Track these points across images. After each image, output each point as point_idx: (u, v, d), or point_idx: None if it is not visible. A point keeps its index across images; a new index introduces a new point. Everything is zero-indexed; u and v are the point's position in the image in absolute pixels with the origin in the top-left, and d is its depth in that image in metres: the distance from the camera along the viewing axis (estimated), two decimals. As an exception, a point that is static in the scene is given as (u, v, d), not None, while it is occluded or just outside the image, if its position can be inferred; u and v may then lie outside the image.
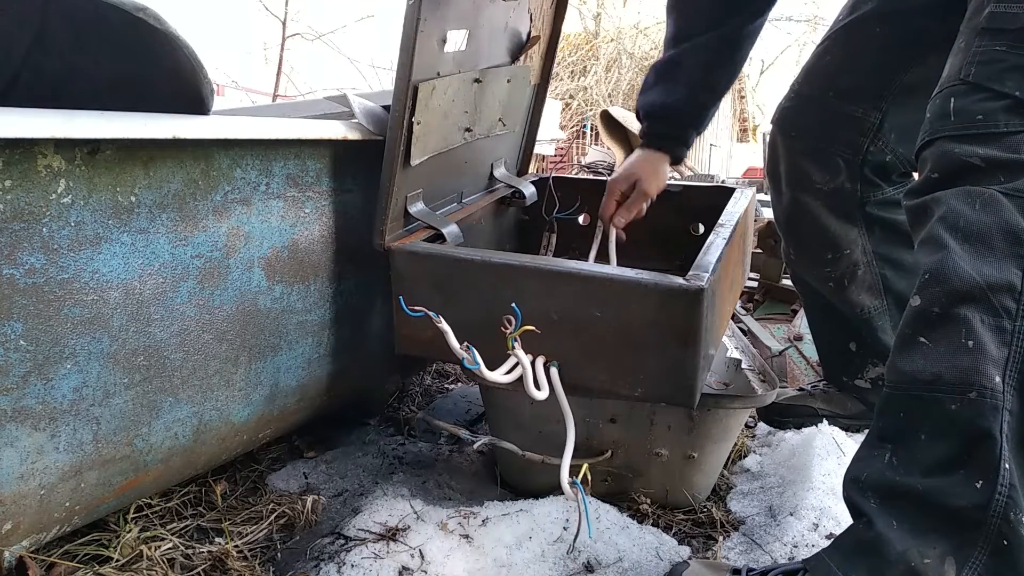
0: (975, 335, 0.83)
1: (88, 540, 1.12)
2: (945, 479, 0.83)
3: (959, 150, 0.89)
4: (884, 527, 0.85)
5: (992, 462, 0.80)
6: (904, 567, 0.82)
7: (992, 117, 0.87)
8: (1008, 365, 0.82)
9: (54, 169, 0.82)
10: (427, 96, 1.17)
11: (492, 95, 1.45)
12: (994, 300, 0.83)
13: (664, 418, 1.26)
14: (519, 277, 1.09)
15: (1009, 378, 0.82)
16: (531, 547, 1.16)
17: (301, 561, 1.14)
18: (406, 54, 1.08)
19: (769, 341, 2.18)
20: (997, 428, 0.80)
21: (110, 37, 1.06)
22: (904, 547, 0.83)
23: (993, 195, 0.86)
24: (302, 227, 1.17)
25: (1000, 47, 0.87)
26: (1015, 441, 0.81)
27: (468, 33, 1.27)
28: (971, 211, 0.87)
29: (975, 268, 0.84)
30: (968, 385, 0.82)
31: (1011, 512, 0.79)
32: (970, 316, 0.83)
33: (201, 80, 1.01)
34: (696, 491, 1.35)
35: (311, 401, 1.32)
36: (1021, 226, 0.84)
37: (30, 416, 0.86)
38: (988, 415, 0.81)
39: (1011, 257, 0.84)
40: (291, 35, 5.03)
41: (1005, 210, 0.85)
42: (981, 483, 0.80)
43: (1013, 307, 0.83)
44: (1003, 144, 0.87)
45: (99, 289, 0.90)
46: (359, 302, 1.33)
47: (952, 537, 0.82)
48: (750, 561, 1.19)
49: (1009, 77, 0.86)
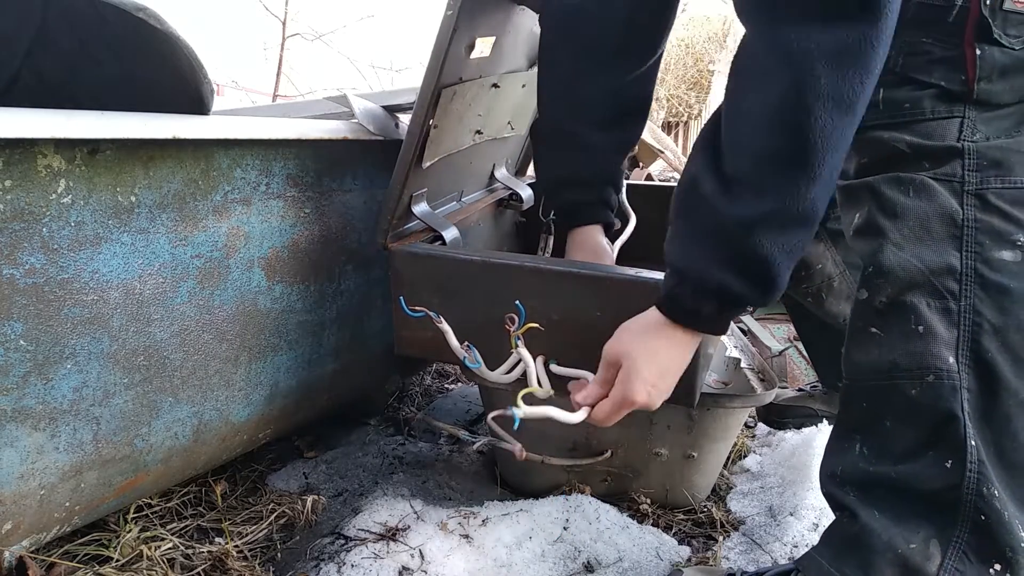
0: (924, 320, 0.85)
1: (88, 540, 1.12)
2: (916, 463, 0.85)
3: (887, 136, 0.91)
4: (867, 518, 0.87)
5: (958, 441, 0.82)
6: (892, 555, 0.84)
7: (918, 105, 0.89)
8: (959, 345, 0.84)
9: (54, 169, 0.82)
10: (448, 101, 1.18)
11: (506, 99, 1.45)
12: (937, 283, 0.85)
13: (663, 417, 1.26)
14: (519, 277, 1.09)
15: (962, 357, 0.84)
16: (531, 547, 1.16)
17: (301, 561, 1.14)
18: (436, 61, 1.08)
19: (769, 341, 2.18)
20: (958, 407, 0.83)
21: (110, 37, 1.06)
22: (889, 536, 0.85)
23: (924, 180, 0.88)
24: (302, 227, 1.17)
25: (927, 40, 0.89)
26: (976, 417, 0.83)
27: (495, 40, 1.27)
28: (905, 198, 0.89)
29: (915, 254, 0.86)
30: (924, 369, 0.84)
31: (983, 487, 0.81)
32: (916, 302, 0.85)
33: (201, 80, 1.01)
34: (696, 490, 1.35)
35: (311, 401, 1.32)
36: (954, 208, 0.86)
37: (30, 416, 0.86)
38: (948, 396, 0.83)
39: (948, 239, 0.86)
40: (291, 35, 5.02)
41: (937, 194, 0.87)
42: (951, 462, 0.83)
43: (956, 288, 0.85)
44: (928, 131, 0.89)
45: (99, 289, 0.90)
46: (359, 302, 1.33)
47: (933, 519, 0.84)
48: (750, 561, 1.19)
49: (935, 68, 0.88)
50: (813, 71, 0.75)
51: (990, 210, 0.86)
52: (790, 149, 0.78)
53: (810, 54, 0.75)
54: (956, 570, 0.83)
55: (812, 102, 0.75)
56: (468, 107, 1.29)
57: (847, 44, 0.74)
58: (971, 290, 0.85)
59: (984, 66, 0.86)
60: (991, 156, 0.86)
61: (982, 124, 0.87)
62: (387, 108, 1.32)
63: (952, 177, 0.87)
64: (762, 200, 0.79)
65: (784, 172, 0.79)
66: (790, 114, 0.77)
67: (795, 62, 0.76)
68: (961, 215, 0.86)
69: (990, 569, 0.82)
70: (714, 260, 0.83)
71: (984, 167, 0.86)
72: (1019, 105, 0.88)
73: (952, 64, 0.87)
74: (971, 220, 0.86)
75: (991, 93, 0.87)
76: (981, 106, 0.87)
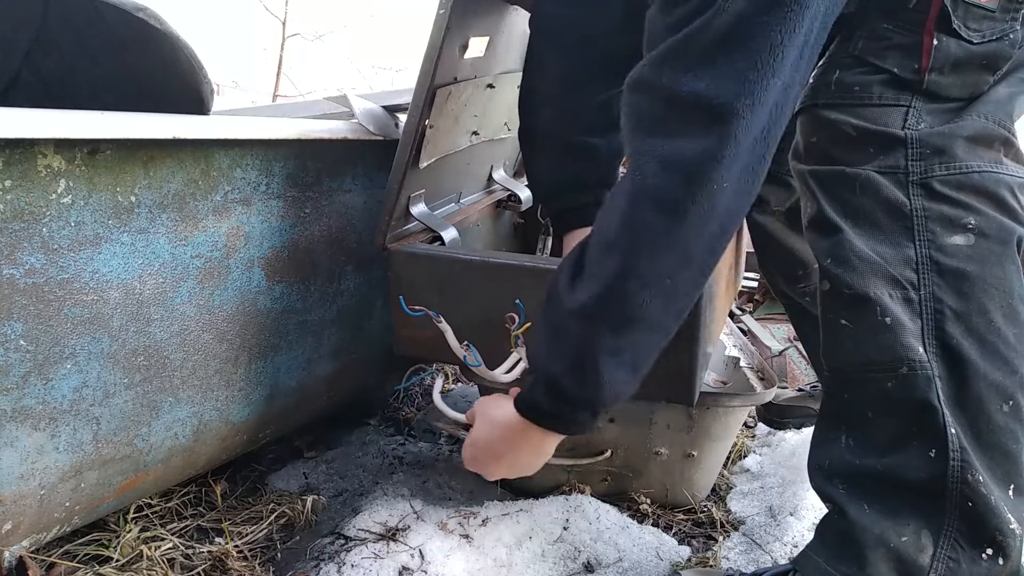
0: (889, 311, 0.85)
1: (88, 540, 1.12)
2: (900, 455, 0.86)
3: (834, 117, 0.91)
4: (857, 513, 0.87)
5: (938, 430, 0.83)
6: (884, 550, 0.85)
7: (867, 89, 0.90)
8: (925, 334, 0.85)
9: (54, 169, 0.82)
10: (443, 101, 1.18)
11: (502, 100, 1.45)
12: (895, 274, 0.86)
13: (663, 417, 1.26)
14: (519, 278, 1.09)
15: (929, 346, 0.84)
16: (531, 547, 1.16)
17: (301, 561, 1.14)
18: (430, 61, 1.09)
19: (769, 341, 2.18)
20: (934, 396, 0.83)
21: (110, 37, 1.06)
22: (880, 530, 0.86)
23: (869, 176, 0.88)
24: (302, 227, 1.17)
25: (888, 26, 0.89)
26: (951, 404, 0.84)
27: (489, 40, 1.27)
28: (852, 195, 0.89)
29: (870, 247, 0.87)
30: (897, 361, 0.85)
31: (968, 474, 0.82)
32: (879, 293, 0.86)
33: (201, 80, 1.01)
34: (696, 490, 1.35)
35: (311, 401, 1.32)
36: (900, 200, 0.87)
37: (30, 416, 0.86)
38: (923, 387, 0.84)
39: (900, 231, 0.87)
40: (291, 35, 5.03)
41: (883, 188, 0.88)
42: (934, 452, 0.83)
43: (914, 277, 0.86)
44: (873, 116, 0.89)
45: (99, 289, 0.90)
46: (359, 302, 1.33)
47: (922, 510, 0.85)
48: (750, 561, 1.19)
49: (891, 54, 0.89)
50: (644, 171, 0.79)
51: (937, 198, 0.86)
52: (613, 238, 0.81)
53: (645, 157, 0.79)
54: (949, 559, 0.83)
55: (637, 200, 0.79)
56: (464, 107, 1.29)
57: (679, 156, 0.77)
58: (929, 278, 0.85)
59: (938, 56, 0.86)
60: (933, 144, 0.87)
61: (927, 115, 0.88)
62: (387, 108, 1.32)
63: (896, 169, 0.88)
64: (592, 286, 0.82)
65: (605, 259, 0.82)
66: (622, 207, 0.81)
67: (634, 164, 0.81)
68: (909, 206, 0.87)
69: (982, 554, 0.83)
70: (548, 351, 0.86)
71: (927, 155, 0.87)
72: (966, 102, 0.88)
73: (907, 51, 0.88)
74: (920, 210, 0.87)
75: (940, 85, 0.87)
76: (929, 97, 0.88)
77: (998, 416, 0.83)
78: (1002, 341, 0.84)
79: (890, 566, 0.85)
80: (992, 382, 0.83)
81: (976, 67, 0.87)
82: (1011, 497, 0.83)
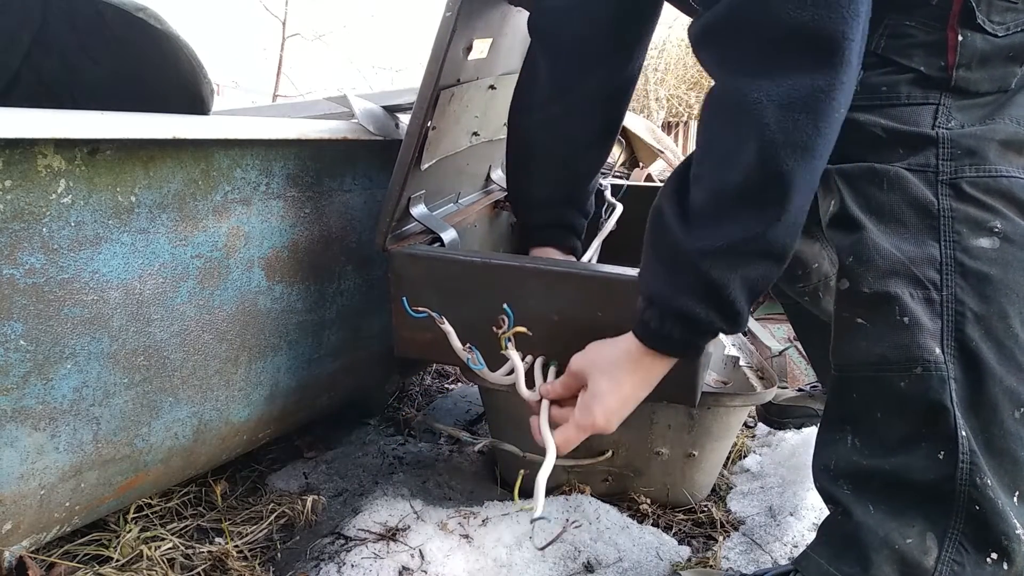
0: (908, 311, 0.85)
1: (88, 540, 1.12)
2: (909, 456, 0.85)
3: (863, 119, 0.90)
4: (862, 514, 0.87)
5: (949, 432, 0.83)
6: (888, 551, 0.84)
7: (894, 89, 0.89)
8: (944, 335, 0.84)
9: (54, 169, 0.82)
10: (446, 102, 1.18)
11: (502, 101, 1.45)
12: (918, 273, 0.85)
13: (664, 417, 1.26)
14: (520, 278, 1.09)
15: (947, 347, 0.84)
16: (531, 547, 1.16)
17: (301, 561, 1.14)
18: (435, 63, 1.08)
19: (769, 341, 2.18)
20: (948, 398, 0.83)
21: (110, 37, 1.06)
22: (885, 531, 0.85)
23: (898, 172, 0.88)
24: (302, 227, 1.17)
25: (910, 22, 0.88)
26: (964, 407, 0.83)
27: (492, 41, 1.27)
28: (879, 191, 0.88)
29: (894, 245, 0.86)
30: (912, 361, 0.84)
31: (976, 477, 0.82)
32: (900, 292, 0.85)
33: (201, 80, 1.01)
34: (696, 489, 1.35)
35: (311, 401, 1.32)
36: (929, 199, 0.86)
37: (30, 416, 0.86)
38: (937, 388, 0.83)
39: (926, 230, 0.86)
40: (291, 35, 5.03)
41: (911, 185, 0.87)
42: (943, 454, 0.83)
43: (937, 278, 0.85)
44: (902, 116, 0.89)
45: (99, 289, 0.90)
46: (359, 302, 1.33)
47: (928, 512, 0.84)
48: (750, 561, 1.19)
49: (915, 52, 0.88)
50: (763, 119, 0.78)
51: (965, 199, 0.86)
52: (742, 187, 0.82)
53: (760, 103, 0.79)
54: (954, 562, 0.83)
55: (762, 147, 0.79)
56: (466, 109, 1.30)
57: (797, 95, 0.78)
58: (952, 279, 0.85)
59: (965, 52, 0.85)
60: (965, 144, 0.86)
61: (957, 112, 0.87)
62: (387, 108, 1.32)
63: (926, 167, 0.87)
64: (717, 233, 0.83)
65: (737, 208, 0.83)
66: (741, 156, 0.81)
67: (746, 111, 0.80)
68: (936, 205, 0.86)
69: (987, 559, 0.82)
70: (676, 286, 0.87)
71: (958, 156, 0.86)
72: (996, 95, 0.87)
73: (933, 48, 0.87)
74: (947, 209, 0.86)
75: (969, 81, 0.86)
76: (958, 94, 0.87)
77: (1010, 422, 0.83)
78: (1019, 347, 0.83)
79: (894, 568, 0.84)
80: (1007, 387, 0.83)
81: (1003, 60, 0.86)
82: (1016, 503, 0.83)
